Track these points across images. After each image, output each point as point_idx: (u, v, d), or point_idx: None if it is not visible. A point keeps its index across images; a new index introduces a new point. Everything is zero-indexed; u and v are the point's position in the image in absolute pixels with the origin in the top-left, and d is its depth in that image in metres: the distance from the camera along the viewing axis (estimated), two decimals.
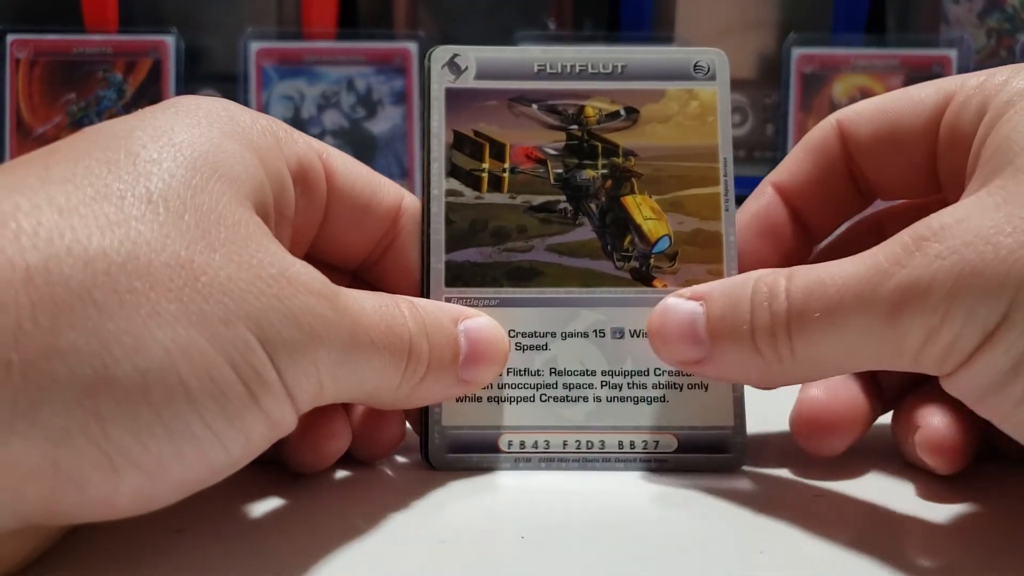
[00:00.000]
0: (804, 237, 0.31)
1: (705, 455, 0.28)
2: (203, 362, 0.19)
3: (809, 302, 0.23)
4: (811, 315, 0.23)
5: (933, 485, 0.27)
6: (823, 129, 0.30)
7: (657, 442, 0.28)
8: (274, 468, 0.27)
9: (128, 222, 0.19)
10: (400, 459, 0.29)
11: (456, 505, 0.26)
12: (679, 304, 0.26)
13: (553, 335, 0.28)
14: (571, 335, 0.28)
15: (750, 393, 0.28)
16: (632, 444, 0.28)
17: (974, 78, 0.27)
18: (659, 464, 0.28)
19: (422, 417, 0.28)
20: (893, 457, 0.29)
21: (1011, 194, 0.22)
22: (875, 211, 0.31)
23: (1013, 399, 0.22)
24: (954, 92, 0.27)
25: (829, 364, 0.25)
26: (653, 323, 0.27)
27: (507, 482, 0.27)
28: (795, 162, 0.30)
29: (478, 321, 0.27)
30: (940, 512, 0.26)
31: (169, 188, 0.21)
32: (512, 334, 0.28)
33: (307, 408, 0.22)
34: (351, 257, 0.29)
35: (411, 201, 0.29)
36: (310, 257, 0.27)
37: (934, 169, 0.28)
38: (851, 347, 0.23)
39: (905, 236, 0.23)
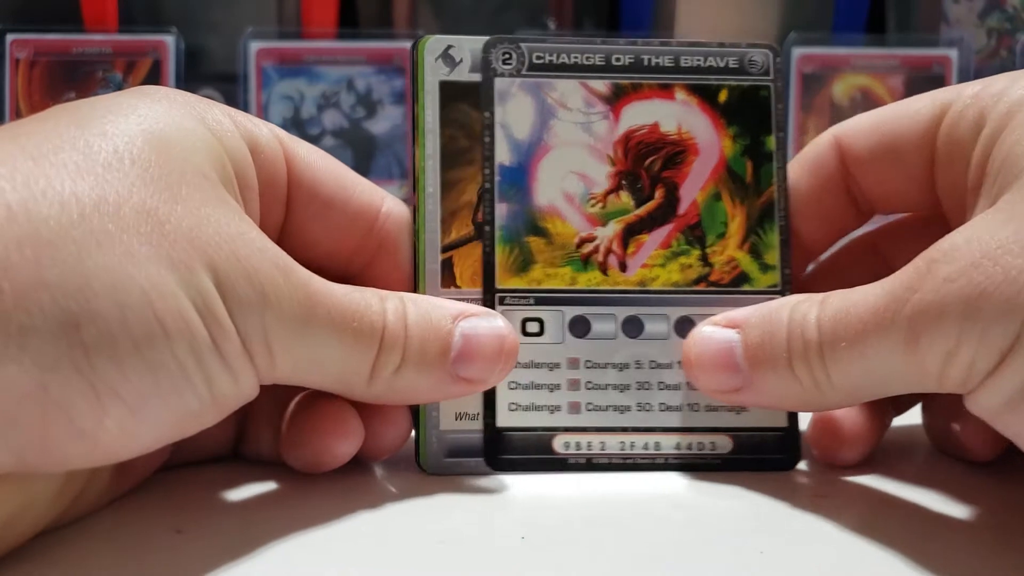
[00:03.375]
0: (801, 253, 0.31)
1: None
2: (174, 302, 0.20)
3: (837, 331, 0.24)
4: (839, 344, 0.24)
5: (936, 486, 0.27)
6: (820, 145, 0.30)
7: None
8: (273, 468, 0.27)
9: (95, 169, 0.21)
10: (396, 464, 0.29)
11: (456, 505, 0.26)
12: (715, 332, 0.26)
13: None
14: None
15: None
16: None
17: (970, 88, 0.26)
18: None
19: (418, 421, 0.28)
20: (895, 457, 0.29)
21: (1017, 211, 0.22)
22: (870, 231, 0.31)
23: None
24: (950, 103, 0.27)
25: (864, 390, 0.25)
26: (690, 353, 0.27)
27: (507, 482, 0.27)
28: (791, 178, 0.30)
29: (480, 320, 0.26)
30: (942, 513, 0.26)
31: (134, 145, 0.22)
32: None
33: (267, 378, 0.23)
34: (324, 256, 0.28)
35: (394, 206, 0.29)
36: None
37: (932, 182, 0.28)
38: (880, 373, 0.24)
39: (919, 260, 0.23)
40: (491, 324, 0.26)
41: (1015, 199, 0.23)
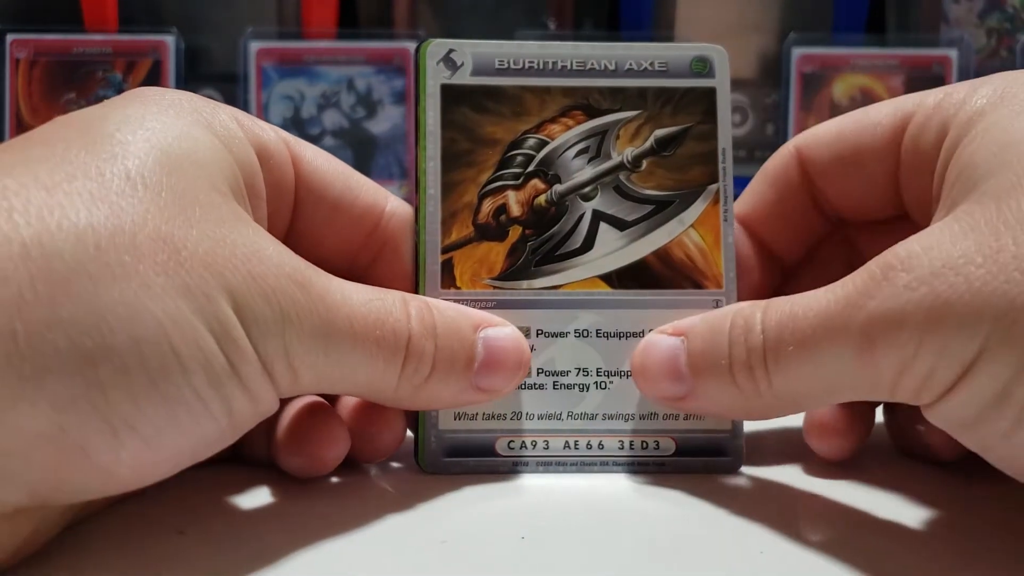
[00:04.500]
0: (773, 266, 0.31)
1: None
2: (191, 332, 0.20)
3: (783, 336, 0.23)
4: (785, 349, 0.23)
5: (932, 485, 0.27)
6: (781, 157, 0.30)
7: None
8: (274, 470, 0.27)
9: (110, 197, 0.20)
10: (395, 464, 0.29)
11: (456, 505, 0.26)
12: (661, 340, 0.26)
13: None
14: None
15: None
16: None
17: (931, 96, 0.26)
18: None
19: (418, 420, 0.28)
20: (891, 456, 0.29)
21: (978, 221, 0.22)
22: (845, 229, 0.31)
23: (998, 432, 0.21)
24: (912, 113, 0.27)
25: (808, 397, 0.24)
26: (636, 361, 0.27)
27: (507, 482, 0.27)
28: (755, 192, 0.30)
29: (500, 330, 0.26)
30: (941, 512, 0.26)
31: (145, 167, 0.21)
32: None
33: (289, 392, 0.23)
34: (330, 257, 0.28)
35: (398, 205, 0.29)
36: None
37: (897, 190, 0.28)
38: (828, 380, 0.23)
39: (873, 266, 0.22)
40: (510, 334, 0.27)
41: (973, 209, 0.22)
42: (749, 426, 0.28)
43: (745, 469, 0.28)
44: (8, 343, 0.18)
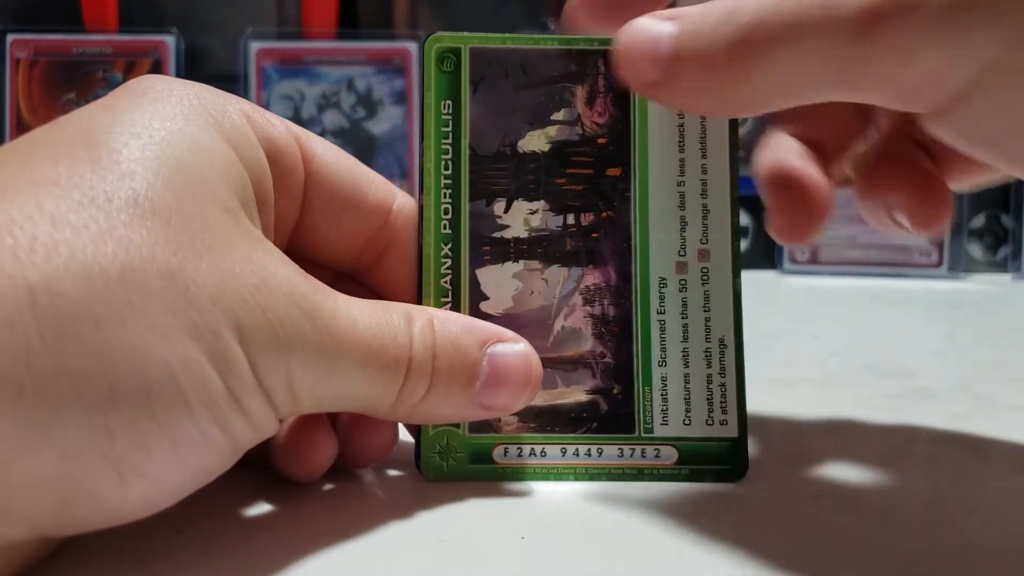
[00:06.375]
0: (820, 160, 0.29)
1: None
2: (199, 373, 0.20)
3: (770, 18, 0.21)
4: (772, 28, 0.21)
5: (931, 485, 0.27)
6: None
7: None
8: (272, 471, 0.27)
9: (117, 229, 0.19)
10: (395, 465, 0.29)
11: (455, 505, 0.26)
12: (651, 24, 0.24)
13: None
14: None
15: (751, 398, 0.28)
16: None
17: None
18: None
19: (419, 428, 0.28)
20: (891, 456, 0.29)
21: None
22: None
23: None
24: None
25: (788, 89, 0.22)
26: (619, 39, 0.24)
27: (507, 483, 0.27)
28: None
29: (509, 346, 0.26)
30: (940, 512, 0.26)
31: (153, 189, 0.21)
32: None
33: (288, 414, 0.23)
34: (335, 254, 0.28)
35: (405, 201, 0.28)
36: (291, 250, 0.27)
37: None
38: (810, 69, 0.21)
39: None
40: (518, 351, 0.26)
41: None
42: (753, 434, 0.28)
43: (750, 477, 0.28)
44: (15, 393, 0.18)
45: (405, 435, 0.29)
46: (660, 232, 0.28)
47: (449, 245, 0.28)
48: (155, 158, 0.21)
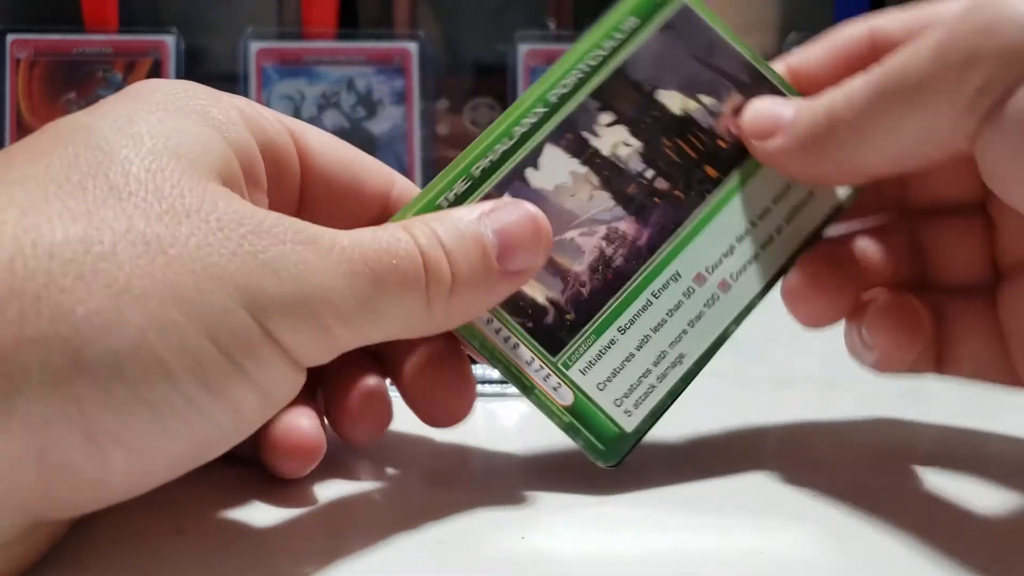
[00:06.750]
0: None
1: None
2: (178, 335, 0.19)
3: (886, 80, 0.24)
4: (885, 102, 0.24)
5: (930, 485, 0.27)
6: (854, 33, 0.29)
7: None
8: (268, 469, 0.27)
9: (90, 211, 0.20)
10: (393, 464, 0.29)
11: (456, 505, 0.26)
12: (773, 105, 0.28)
13: None
14: None
15: (751, 398, 0.28)
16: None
17: None
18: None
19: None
20: (889, 457, 0.29)
21: None
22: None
23: None
24: None
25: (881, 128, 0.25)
26: (745, 116, 0.29)
27: (507, 483, 0.27)
28: (816, 55, 0.29)
29: (502, 210, 0.25)
30: (939, 511, 0.26)
31: (128, 174, 0.21)
32: None
33: (328, 356, 0.22)
34: None
35: (405, 186, 0.28)
36: None
37: None
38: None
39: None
40: (513, 206, 0.25)
41: None
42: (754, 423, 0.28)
43: (746, 469, 0.28)
44: None
45: (402, 429, 0.29)
46: (707, 241, 0.28)
47: (531, 118, 0.28)
48: (131, 148, 0.21)
